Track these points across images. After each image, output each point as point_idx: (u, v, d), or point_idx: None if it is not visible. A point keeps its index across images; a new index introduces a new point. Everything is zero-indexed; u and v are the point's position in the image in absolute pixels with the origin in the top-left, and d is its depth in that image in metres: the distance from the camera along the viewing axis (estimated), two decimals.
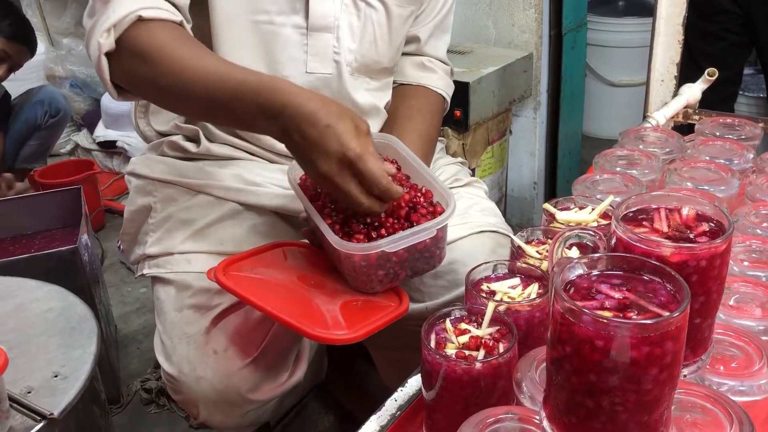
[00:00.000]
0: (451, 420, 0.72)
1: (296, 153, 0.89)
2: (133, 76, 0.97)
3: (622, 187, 1.05)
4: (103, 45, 0.94)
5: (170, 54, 0.93)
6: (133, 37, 0.95)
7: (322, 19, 1.10)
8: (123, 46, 0.95)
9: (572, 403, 0.58)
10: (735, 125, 1.27)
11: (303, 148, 0.86)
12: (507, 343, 0.73)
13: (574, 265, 0.61)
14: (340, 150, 0.83)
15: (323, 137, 0.84)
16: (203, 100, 0.93)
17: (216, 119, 1.06)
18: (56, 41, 3.43)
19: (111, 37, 0.94)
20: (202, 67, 0.92)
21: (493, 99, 2.18)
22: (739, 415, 0.63)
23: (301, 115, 0.85)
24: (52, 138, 2.92)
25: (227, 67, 0.94)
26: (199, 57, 0.94)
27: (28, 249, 1.91)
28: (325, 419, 1.72)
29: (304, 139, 0.85)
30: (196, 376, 1.07)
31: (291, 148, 0.89)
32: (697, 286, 0.64)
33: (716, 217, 0.68)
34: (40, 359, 1.09)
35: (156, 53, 0.94)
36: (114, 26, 0.94)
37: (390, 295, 0.98)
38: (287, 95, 0.86)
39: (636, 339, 0.53)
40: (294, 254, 1.07)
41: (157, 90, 0.97)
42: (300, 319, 0.90)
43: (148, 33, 0.95)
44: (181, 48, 0.95)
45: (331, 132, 0.83)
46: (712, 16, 2.20)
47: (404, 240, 0.91)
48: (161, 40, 0.95)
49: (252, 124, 0.93)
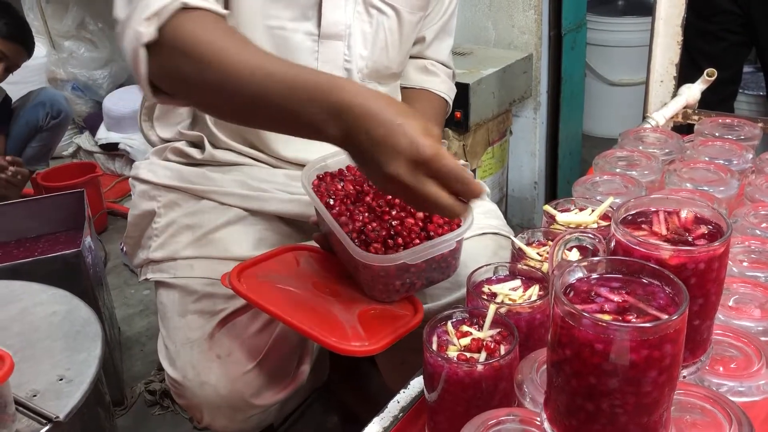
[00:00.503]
0: (453, 422, 0.72)
1: (360, 156, 0.80)
2: (173, 70, 0.88)
3: (622, 189, 1.05)
4: (144, 34, 0.85)
5: (217, 46, 0.85)
6: (176, 26, 0.86)
7: (333, 26, 1.10)
8: (165, 37, 0.86)
9: (572, 406, 0.59)
10: (734, 125, 1.28)
11: (369, 148, 0.77)
12: (508, 346, 0.73)
13: (574, 268, 0.61)
14: (412, 148, 0.75)
15: (393, 135, 0.75)
16: (252, 97, 0.84)
17: (260, 120, 0.93)
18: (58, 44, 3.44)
19: (152, 26, 0.85)
20: (253, 61, 0.83)
21: (494, 100, 2.19)
22: (738, 415, 0.64)
23: (369, 114, 0.77)
24: (54, 139, 2.93)
25: (280, 62, 0.85)
26: (248, 50, 0.85)
27: (32, 252, 1.92)
28: (329, 421, 1.72)
29: (371, 138, 0.76)
30: (200, 381, 1.08)
31: (353, 150, 0.80)
32: (696, 289, 0.65)
33: (714, 219, 0.68)
34: (45, 363, 1.10)
35: (201, 44, 0.85)
36: (156, 14, 0.85)
37: (404, 303, 0.99)
38: (352, 93, 0.78)
39: (635, 342, 0.54)
40: (306, 259, 1.08)
41: (199, 86, 0.87)
42: (320, 329, 0.90)
43: (194, 22, 0.86)
44: (228, 40, 0.86)
45: (401, 130, 0.75)
46: (712, 17, 2.21)
47: (425, 252, 0.91)
48: (207, 30, 0.86)
49: (306, 125, 0.82)
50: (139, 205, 1.21)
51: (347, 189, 1.03)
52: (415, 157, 0.75)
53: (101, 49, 3.46)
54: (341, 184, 1.04)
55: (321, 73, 0.84)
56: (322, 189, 1.01)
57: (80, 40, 3.43)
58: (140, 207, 1.21)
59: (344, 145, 0.81)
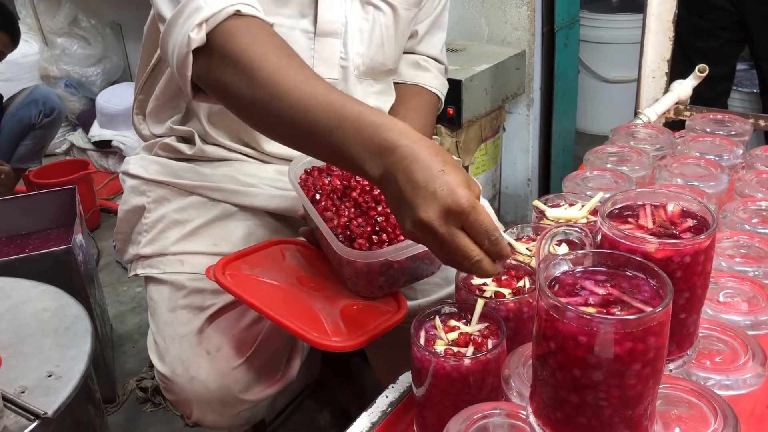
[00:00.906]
0: (440, 416, 0.72)
1: (395, 197, 0.76)
2: (219, 78, 0.87)
3: (612, 184, 1.06)
4: (194, 40, 0.85)
5: (270, 65, 0.83)
6: (228, 34, 0.85)
7: (330, 24, 1.10)
8: (215, 43, 0.86)
9: (558, 399, 0.59)
10: (725, 121, 1.28)
11: (406, 191, 0.74)
12: (496, 340, 0.73)
13: (559, 261, 0.61)
14: (450, 197, 0.72)
15: (433, 181, 0.73)
16: (296, 123, 0.82)
17: (297, 143, 0.89)
18: (50, 41, 3.43)
19: (203, 32, 0.85)
20: (302, 86, 0.82)
21: (486, 96, 2.19)
22: (724, 409, 0.64)
23: (412, 156, 0.74)
24: (47, 137, 2.92)
25: (329, 90, 0.83)
26: (299, 72, 0.84)
27: (23, 249, 1.92)
28: (321, 417, 1.72)
29: (410, 181, 0.74)
30: (189, 376, 1.08)
31: (389, 190, 0.77)
32: (682, 282, 0.65)
33: (701, 213, 0.68)
34: (34, 359, 1.10)
35: (253, 60, 0.84)
36: (206, 21, 0.84)
37: (389, 299, 0.98)
38: (396, 133, 0.77)
39: (619, 335, 0.54)
40: (292, 253, 1.07)
41: (244, 100, 0.86)
42: (300, 324, 0.89)
43: (245, 32, 0.85)
44: (280, 57, 0.84)
45: (443, 177, 0.73)
46: (706, 14, 2.21)
47: (409, 249, 0.91)
48: (260, 43, 0.85)
49: (346, 158, 0.80)
50: (129, 201, 1.21)
51: (334, 184, 1.02)
52: (452, 206, 0.72)
53: (94, 46, 3.45)
54: (328, 179, 1.04)
55: (369, 108, 0.81)
56: (309, 183, 1.01)
57: (73, 37, 3.42)
58: (130, 202, 1.21)
59: (381, 183, 0.78)
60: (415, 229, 0.75)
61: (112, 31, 3.54)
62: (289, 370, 1.19)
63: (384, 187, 0.78)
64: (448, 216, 0.73)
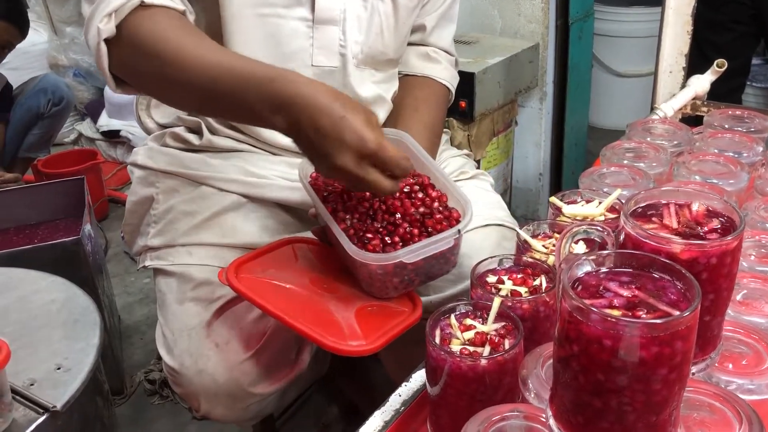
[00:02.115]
0: (455, 416, 0.71)
1: (307, 147, 0.85)
2: (132, 65, 0.95)
3: (630, 181, 1.04)
4: (103, 31, 0.92)
5: (172, 42, 0.91)
6: (134, 23, 0.92)
7: (327, 11, 1.09)
8: (123, 33, 0.93)
9: (579, 403, 0.57)
10: (744, 117, 1.26)
11: (316, 141, 0.82)
12: (513, 339, 0.72)
13: (582, 262, 0.60)
14: (358, 142, 0.81)
15: (339, 129, 0.81)
16: (206, 91, 0.90)
17: (217, 112, 1.02)
18: (59, 30, 3.42)
19: (111, 22, 0.92)
20: (206, 57, 0.90)
21: (499, 90, 2.17)
22: (749, 413, 0.62)
23: (314, 107, 0.82)
24: (56, 126, 2.91)
25: (232, 57, 0.91)
26: (202, 46, 0.91)
27: (32, 239, 1.91)
28: (329, 412, 1.71)
29: (317, 131, 0.82)
30: (197, 369, 1.07)
31: (300, 141, 0.86)
32: (707, 284, 0.63)
33: (727, 212, 0.67)
34: (43, 351, 1.09)
35: (158, 41, 0.91)
36: (115, 11, 0.91)
37: (403, 299, 0.97)
38: (297, 86, 0.83)
39: (645, 339, 0.52)
40: (304, 253, 1.06)
41: (157, 80, 0.94)
42: (317, 328, 0.89)
43: (151, 20, 0.92)
44: (183, 37, 0.92)
45: (346, 123, 0.81)
46: (721, 7, 2.18)
47: (423, 250, 0.90)
48: (163, 28, 0.92)
49: (256, 116, 0.88)
50: (137, 192, 1.20)
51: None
52: (362, 149, 0.81)
53: None
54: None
55: (271, 66, 0.88)
56: (319, 182, 1.00)
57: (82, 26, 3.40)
58: (139, 193, 1.19)
59: (290, 134, 0.86)
60: (333, 173, 0.85)
61: None
62: (299, 363, 1.18)
63: (294, 137, 0.86)
64: (360, 159, 0.82)
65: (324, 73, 1.12)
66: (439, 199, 0.96)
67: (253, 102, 0.86)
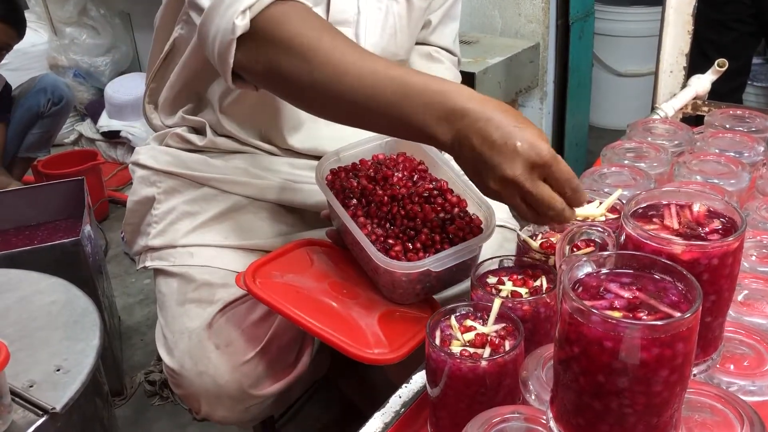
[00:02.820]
0: (455, 418, 0.71)
1: (471, 161, 0.79)
2: (269, 63, 0.86)
3: (631, 181, 1.03)
4: (239, 27, 0.84)
5: (325, 45, 0.84)
6: (272, 19, 0.85)
7: (342, 13, 1.09)
8: (260, 29, 0.85)
9: (580, 404, 0.57)
10: (745, 117, 1.25)
11: (484, 152, 0.76)
12: (513, 341, 0.71)
13: (583, 263, 0.59)
14: (532, 151, 0.74)
15: (513, 139, 0.75)
16: (364, 100, 0.83)
17: (366, 122, 0.90)
18: (59, 30, 3.42)
19: (247, 18, 0.84)
20: (364, 65, 0.83)
21: (499, 89, 2.17)
22: (750, 415, 0.62)
23: (486, 118, 0.76)
24: (56, 126, 2.91)
25: (386, 64, 0.84)
26: (356, 52, 0.85)
27: (32, 240, 1.91)
28: (330, 413, 1.71)
29: (488, 142, 0.76)
30: (197, 371, 1.06)
31: (464, 153, 0.79)
32: (709, 285, 0.63)
33: (728, 213, 0.66)
34: (42, 352, 1.09)
35: (306, 42, 0.84)
36: (250, 7, 0.84)
37: (423, 304, 0.97)
38: (465, 98, 0.79)
39: (646, 340, 0.52)
40: (319, 256, 1.05)
41: (299, 83, 0.86)
42: (342, 336, 0.88)
43: (290, 16, 0.85)
44: (332, 38, 0.85)
45: (519, 133, 0.75)
46: (723, 6, 2.18)
47: (449, 258, 0.89)
48: (308, 26, 0.85)
49: (419, 130, 0.81)
50: (138, 191, 1.20)
51: (363, 184, 1.00)
52: (536, 159, 0.74)
53: (103, 35, 3.43)
54: (356, 181, 1.01)
55: (432, 77, 0.83)
56: (336, 186, 0.99)
57: (82, 27, 3.41)
58: (140, 193, 1.19)
59: (453, 148, 0.80)
60: (499, 187, 0.77)
61: (121, 20, 3.53)
62: (300, 364, 1.17)
63: (456, 151, 0.80)
64: (532, 170, 0.75)
65: None
66: (458, 205, 0.96)
67: (416, 114, 0.80)
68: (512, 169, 0.75)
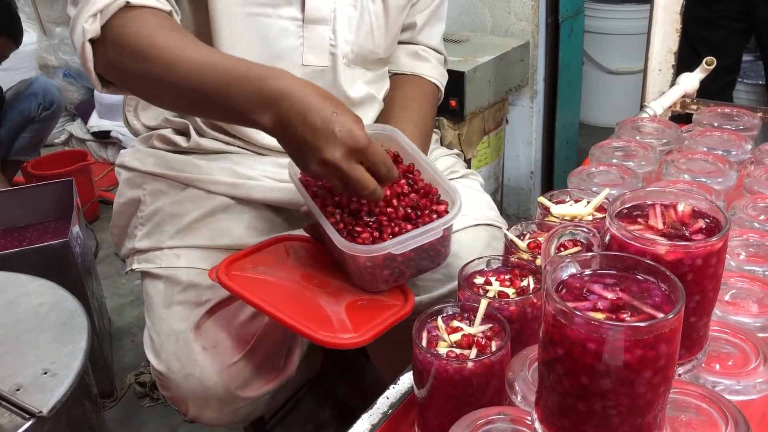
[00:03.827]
0: (442, 419, 0.71)
1: (293, 143, 0.86)
2: (118, 65, 0.95)
3: (618, 180, 1.03)
4: (88, 31, 0.92)
5: (159, 42, 0.91)
6: (119, 24, 0.92)
7: (317, 11, 1.09)
8: (109, 34, 0.93)
9: (564, 406, 0.57)
10: (733, 115, 1.26)
11: (304, 136, 0.83)
12: (500, 342, 0.71)
13: (567, 264, 0.59)
14: (349, 137, 0.82)
15: (330, 123, 0.82)
16: (193, 89, 0.90)
17: (203, 111, 1.02)
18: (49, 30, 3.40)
19: (96, 22, 0.92)
20: (193, 56, 0.90)
21: (489, 88, 2.16)
22: (734, 414, 0.62)
23: (306, 103, 0.83)
24: (46, 130, 2.90)
25: (219, 56, 0.92)
26: (189, 46, 0.92)
27: (20, 242, 1.90)
28: (321, 413, 1.71)
29: (306, 126, 0.83)
30: (184, 373, 1.06)
31: (287, 138, 0.86)
32: (693, 285, 0.63)
33: (712, 213, 0.66)
34: (29, 355, 1.08)
35: (144, 41, 0.91)
36: (100, 12, 0.91)
37: (395, 293, 0.97)
38: (287, 83, 0.85)
39: (629, 342, 0.52)
40: (296, 250, 1.05)
41: (144, 80, 0.94)
42: (306, 322, 0.88)
43: (136, 20, 0.92)
44: (169, 37, 0.92)
45: (337, 119, 0.82)
46: (713, 4, 2.18)
47: (411, 241, 0.89)
48: (149, 28, 0.92)
49: (243, 114, 0.88)
50: (124, 193, 1.19)
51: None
52: (352, 145, 0.83)
53: None
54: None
55: (256, 64, 0.89)
56: (310, 180, 0.99)
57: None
58: (126, 195, 1.19)
59: (275, 130, 0.86)
60: (319, 168, 0.85)
61: None
62: (289, 365, 1.17)
63: (279, 133, 0.86)
64: (350, 154, 0.83)
65: (314, 73, 1.11)
66: (428, 193, 0.96)
67: (242, 100, 0.86)
68: (332, 152, 0.82)
